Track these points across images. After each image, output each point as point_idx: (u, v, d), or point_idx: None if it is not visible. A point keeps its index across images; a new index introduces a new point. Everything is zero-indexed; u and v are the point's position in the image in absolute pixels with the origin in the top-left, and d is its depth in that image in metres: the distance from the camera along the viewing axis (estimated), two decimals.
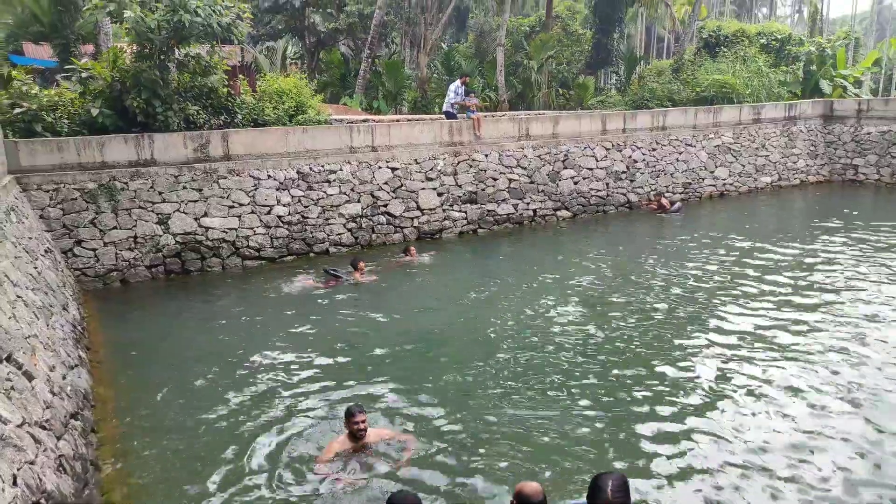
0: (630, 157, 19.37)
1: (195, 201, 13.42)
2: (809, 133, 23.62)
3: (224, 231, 13.56)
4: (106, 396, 7.95)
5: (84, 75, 14.12)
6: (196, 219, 13.37)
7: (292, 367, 8.66)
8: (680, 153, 20.42)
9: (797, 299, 10.79)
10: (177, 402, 7.73)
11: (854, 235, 15.09)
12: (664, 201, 18.73)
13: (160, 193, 13.15)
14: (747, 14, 60.28)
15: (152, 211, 13.05)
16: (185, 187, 13.36)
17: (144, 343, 9.78)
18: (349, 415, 6.35)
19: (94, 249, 12.55)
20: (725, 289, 11.49)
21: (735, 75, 24.25)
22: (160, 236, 13.02)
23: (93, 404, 7.44)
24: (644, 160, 19.62)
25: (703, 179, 20.77)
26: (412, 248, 14.19)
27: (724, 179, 21.22)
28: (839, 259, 13.14)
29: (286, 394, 7.85)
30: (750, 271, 12.45)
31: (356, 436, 6.32)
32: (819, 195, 21.54)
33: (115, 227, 12.73)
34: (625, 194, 19.09)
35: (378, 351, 9.13)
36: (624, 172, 19.18)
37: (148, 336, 10.07)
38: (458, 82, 17.71)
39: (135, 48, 13.85)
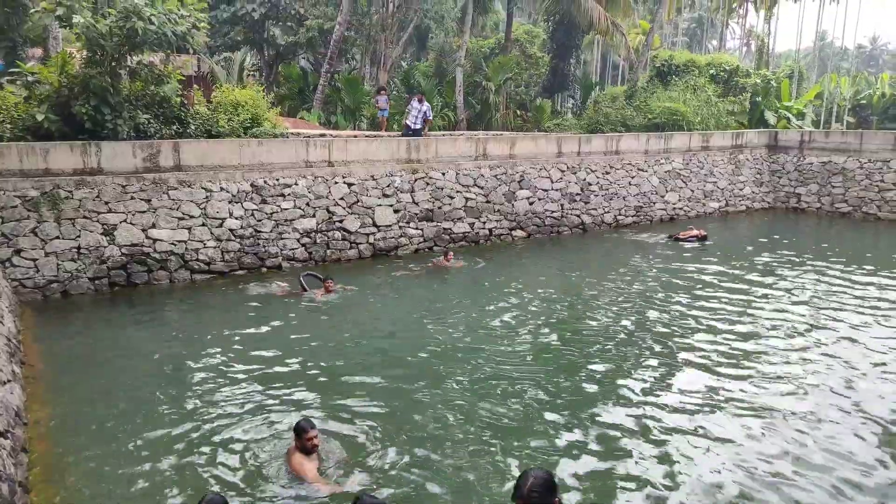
0: (584, 179, 19.72)
1: (143, 212, 13.05)
2: (755, 161, 24.49)
3: (173, 243, 13.21)
4: (40, 414, 7.60)
5: (30, 79, 13.64)
6: (144, 230, 13.00)
7: (237, 382, 8.44)
8: (632, 177, 20.89)
9: (751, 322, 11.08)
10: (117, 421, 7.43)
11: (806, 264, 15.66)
12: (682, 234, 18.10)
13: (106, 203, 12.75)
14: (698, 45, 62.45)
15: (97, 221, 12.63)
16: (132, 198, 12.99)
17: (84, 358, 9.41)
18: (302, 431, 6.20)
19: (34, 260, 12.05)
20: (678, 312, 11.73)
21: (685, 104, 24.99)
22: (105, 247, 12.60)
23: (25, 422, 7.10)
24: (598, 183, 19.99)
25: (654, 203, 21.27)
26: (450, 253, 14.97)
27: (674, 204, 21.77)
28: (799, 288, 13.60)
29: (230, 411, 7.64)
30: (702, 294, 12.76)
31: (309, 451, 6.21)
32: (765, 221, 22.28)
33: (57, 237, 12.27)
34: (579, 216, 19.39)
35: (325, 369, 8.99)
36: (578, 194, 19.50)
37: (88, 351, 9.70)
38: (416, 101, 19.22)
39: (85, 54, 13.47)
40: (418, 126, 18.89)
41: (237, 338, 10.13)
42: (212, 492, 5.62)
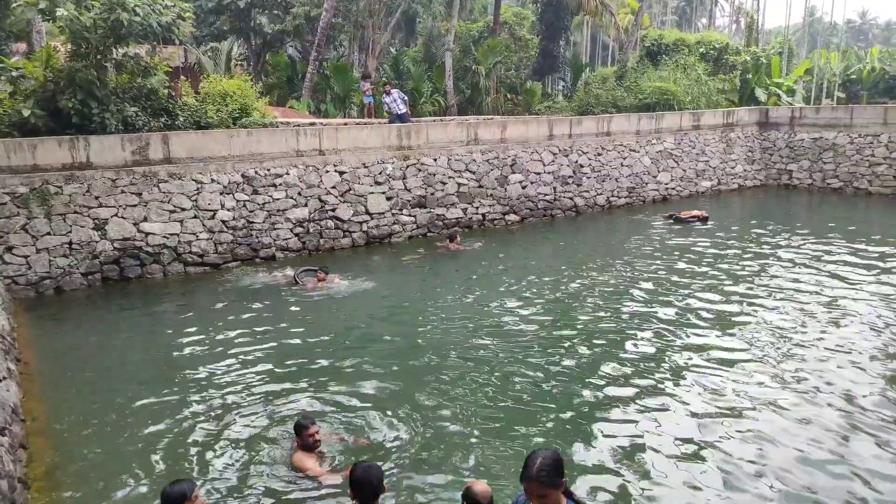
0: (576, 161, 19.70)
1: (134, 206, 12.98)
2: (746, 139, 24.50)
3: (165, 236, 13.16)
4: (37, 410, 7.60)
5: (15, 74, 13.50)
6: (135, 224, 12.94)
7: (235, 375, 8.44)
8: (624, 158, 20.87)
9: (749, 299, 11.14)
10: (114, 415, 7.43)
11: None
12: (683, 214, 18.06)
13: (97, 198, 12.68)
14: (687, 24, 62.23)
15: (88, 216, 12.56)
16: (123, 191, 12.92)
17: (79, 353, 9.40)
18: (302, 428, 6.18)
19: (25, 256, 11.99)
20: (682, 292, 11.78)
21: (676, 83, 24.95)
22: (97, 242, 12.54)
23: (22, 419, 7.09)
24: (590, 165, 19.98)
25: (647, 184, 21.28)
26: (457, 237, 15.06)
27: (666, 184, 21.78)
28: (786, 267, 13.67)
29: (229, 404, 7.64)
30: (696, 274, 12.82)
31: (311, 448, 6.20)
32: (759, 199, 22.32)
33: (48, 233, 12.20)
34: (572, 198, 19.39)
35: (324, 359, 9.00)
36: (570, 177, 19.48)
37: (83, 346, 9.69)
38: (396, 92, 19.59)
39: (70, 47, 13.33)
40: (403, 110, 18.99)
41: (233, 330, 10.12)
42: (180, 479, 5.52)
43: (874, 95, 38.09)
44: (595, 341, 9.41)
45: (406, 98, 19.83)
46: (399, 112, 18.90)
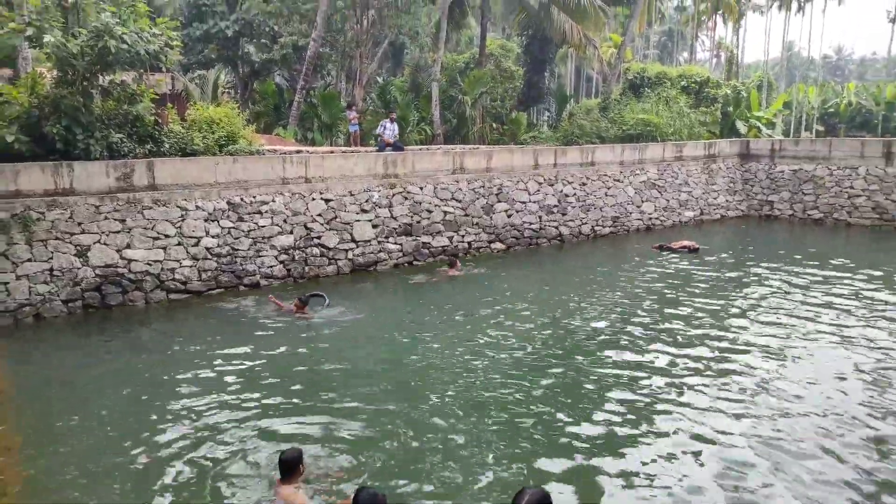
0: (561, 191, 19.87)
1: (117, 232, 12.87)
2: (728, 170, 24.88)
3: (148, 263, 13.03)
4: (10, 441, 7.40)
5: None
6: (118, 250, 12.80)
7: (214, 405, 8.31)
8: (608, 188, 21.09)
9: (725, 332, 11.20)
10: (89, 445, 7.26)
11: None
12: (673, 244, 18.17)
13: (79, 224, 12.55)
14: (669, 57, 63.59)
15: (70, 242, 12.42)
16: (106, 218, 12.81)
17: (57, 383, 9.21)
18: (296, 462, 5.96)
19: (5, 283, 11.79)
20: (669, 320, 11.82)
21: (658, 115, 25.37)
22: (78, 269, 12.38)
23: None
24: (575, 194, 20.16)
25: (631, 214, 21.49)
26: (457, 261, 15.46)
27: (650, 214, 22.01)
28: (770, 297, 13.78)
29: (207, 435, 7.49)
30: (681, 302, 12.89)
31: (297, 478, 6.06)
32: (741, 229, 22.57)
33: (29, 260, 12.03)
34: (556, 227, 19.51)
35: (306, 385, 8.90)
36: (555, 206, 19.63)
37: (61, 374, 9.50)
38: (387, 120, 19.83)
39: (56, 73, 13.31)
40: (393, 140, 19.20)
41: (213, 358, 9.98)
42: None
43: (851, 129, 39.01)
44: (587, 370, 9.39)
45: (396, 132, 20.24)
46: (392, 140, 19.20)
